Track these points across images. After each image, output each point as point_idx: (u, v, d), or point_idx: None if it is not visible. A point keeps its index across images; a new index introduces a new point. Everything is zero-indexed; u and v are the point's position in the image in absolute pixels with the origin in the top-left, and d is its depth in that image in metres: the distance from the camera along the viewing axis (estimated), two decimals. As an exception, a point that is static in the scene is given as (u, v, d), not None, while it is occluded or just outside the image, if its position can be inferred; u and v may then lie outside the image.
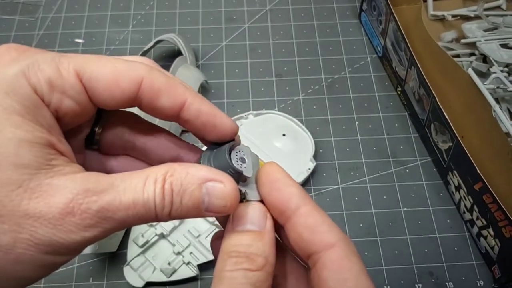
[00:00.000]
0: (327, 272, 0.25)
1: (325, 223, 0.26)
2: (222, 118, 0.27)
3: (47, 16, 0.72)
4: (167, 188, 0.24)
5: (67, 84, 0.24)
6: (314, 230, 0.25)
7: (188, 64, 0.63)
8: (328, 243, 0.25)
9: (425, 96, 0.57)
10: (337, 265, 0.25)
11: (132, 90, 0.25)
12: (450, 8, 0.69)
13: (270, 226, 0.26)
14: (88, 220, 0.23)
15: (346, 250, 0.25)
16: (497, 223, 0.48)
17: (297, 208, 0.26)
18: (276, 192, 0.26)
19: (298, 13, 0.73)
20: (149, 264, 0.52)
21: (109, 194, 0.23)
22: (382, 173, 0.59)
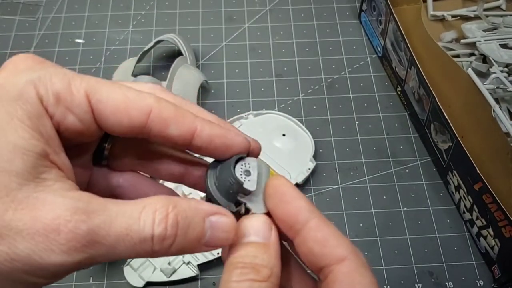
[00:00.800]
0: (339, 285, 0.25)
1: (335, 236, 0.26)
2: (234, 138, 0.27)
3: (47, 16, 0.72)
4: (172, 219, 0.23)
5: (75, 101, 0.24)
6: (324, 244, 0.26)
7: (188, 65, 0.63)
8: (339, 256, 0.25)
9: (425, 96, 0.57)
10: (348, 278, 0.25)
11: (140, 119, 0.25)
12: (450, 8, 0.69)
13: (275, 238, 0.26)
14: (73, 242, 0.21)
15: (357, 263, 0.25)
16: (497, 223, 0.48)
17: (306, 222, 0.26)
18: (285, 205, 0.26)
19: (298, 13, 0.73)
20: (149, 264, 0.52)
21: (101, 216, 0.22)
22: (382, 173, 0.59)
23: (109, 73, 0.66)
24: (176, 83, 0.60)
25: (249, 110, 0.62)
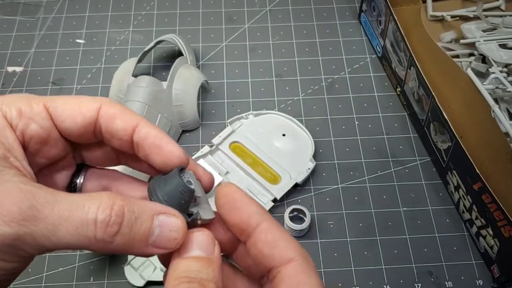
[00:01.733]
0: (284, 285, 0.25)
1: (284, 238, 0.27)
2: (168, 144, 0.28)
3: (48, 16, 0.72)
4: (117, 208, 0.24)
5: (34, 111, 0.27)
6: (273, 245, 0.26)
7: (188, 65, 0.63)
8: (286, 258, 0.26)
9: (425, 96, 0.57)
10: (294, 279, 0.26)
11: (92, 114, 0.27)
12: (449, 8, 0.69)
13: (218, 252, 0.27)
14: (15, 214, 0.22)
15: (303, 265, 0.26)
16: (496, 222, 0.48)
17: (257, 225, 0.27)
18: (236, 211, 0.27)
19: (298, 13, 0.73)
20: (149, 263, 0.52)
21: (46, 197, 0.23)
22: (381, 173, 0.59)
23: (110, 73, 0.66)
24: (176, 83, 0.60)
25: (249, 110, 0.62)
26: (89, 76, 0.67)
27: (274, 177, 0.57)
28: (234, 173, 0.57)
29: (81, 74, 0.67)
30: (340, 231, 0.55)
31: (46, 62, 0.68)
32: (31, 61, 0.68)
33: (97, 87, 0.65)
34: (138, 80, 0.59)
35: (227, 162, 0.58)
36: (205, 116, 0.63)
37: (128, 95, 0.58)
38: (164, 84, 0.59)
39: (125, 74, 0.61)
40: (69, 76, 0.67)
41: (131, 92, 0.58)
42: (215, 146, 0.59)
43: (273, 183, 0.57)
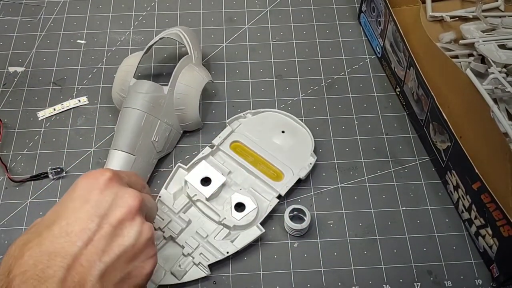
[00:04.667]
0: None
1: None
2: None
3: (49, 17, 0.72)
4: None
5: None
6: None
7: (192, 65, 0.61)
8: None
9: (424, 97, 0.57)
10: None
11: None
12: (448, 9, 0.69)
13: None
14: None
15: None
16: (495, 222, 0.49)
17: None
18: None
19: (298, 14, 0.73)
20: (159, 267, 0.52)
21: None
22: (381, 173, 0.59)
23: (111, 73, 0.66)
24: (178, 87, 0.59)
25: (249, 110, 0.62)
26: (90, 76, 0.67)
27: (276, 174, 0.57)
28: (236, 173, 0.57)
29: (82, 74, 0.67)
30: (340, 231, 0.55)
31: (47, 62, 0.68)
32: (32, 61, 0.68)
33: (98, 87, 0.66)
34: (138, 85, 0.58)
35: (229, 162, 0.58)
36: (205, 116, 0.63)
37: (128, 101, 0.57)
38: (165, 89, 0.58)
39: (127, 73, 0.60)
40: (70, 76, 0.67)
41: (131, 98, 0.57)
42: (216, 147, 0.59)
43: (276, 180, 0.57)
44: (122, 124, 0.56)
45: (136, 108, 0.56)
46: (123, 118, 0.56)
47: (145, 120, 0.56)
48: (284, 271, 0.53)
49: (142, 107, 0.56)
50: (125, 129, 0.55)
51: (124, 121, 0.56)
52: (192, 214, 0.55)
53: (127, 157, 0.55)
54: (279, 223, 0.56)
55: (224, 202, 0.55)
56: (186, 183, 0.56)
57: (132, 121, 0.56)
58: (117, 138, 0.56)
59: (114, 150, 0.55)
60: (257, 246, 0.54)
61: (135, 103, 0.56)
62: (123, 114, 0.57)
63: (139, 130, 0.55)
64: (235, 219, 0.54)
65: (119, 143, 0.55)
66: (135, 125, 0.55)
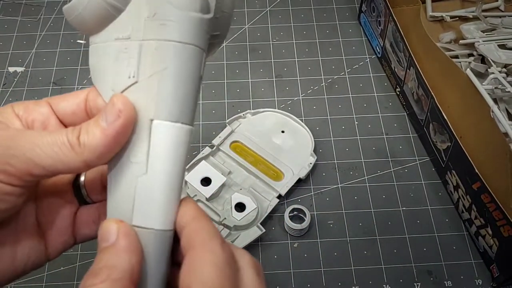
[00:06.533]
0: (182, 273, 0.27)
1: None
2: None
3: (49, 17, 0.72)
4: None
5: (38, 103, 0.32)
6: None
7: None
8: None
9: (424, 97, 0.57)
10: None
11: (81, 95, 0.32)
12: (448, 9, 0.69)
13: (124, 240, 0.27)
14: None
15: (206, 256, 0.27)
16: (495, 222, 0.49)
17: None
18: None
19: (298, 14, 0.73)
20: None
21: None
22: (381, 173, 0.59)
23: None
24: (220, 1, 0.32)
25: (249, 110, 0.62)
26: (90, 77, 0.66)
27: (276, 174, 0.57)
28: (236, 173, 0.57)
29: (82, 74, 0.67)
30: (340, 231, 0.55)
31: (47, 62, 0.68)
32: (32, 61, 0.68)
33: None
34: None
35: (229, 162, 0.58)
36: (205, 116, 0.63)
37: (169, 29, 0.28)
38: (212, 5, 0.30)
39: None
40: (70, 76, 0.67)
41: (173, 23, 0.28)
42: (216, 147, 0.59)
43: (276, 180, 0.57)
44: (168, 71, 0.28)
45: (194, 45, 0.29)
46: (165, 60, 0.28)
47: (203, 64, 0.31)
48: (284, 271, 0.53)
49: (201, 41, 0.29)
50: (178, 83, 0.28)
51: (171, 67, 0.28)
52: (192, 214, 0.55)
53: (189, 132, 0.29)
54: (279, 223, 0.56)
55: (224, 202, 0.55)
56: (186, 183, 0.56)
57: (189, 69, 0.29)
58: (164, 98, 0.28)
59: (166, 123, 0.28)
60: (257, 246, 0.54)
61: (191, 34, 0.29)
62: (167, 53, 0.28)
63: (199, 84, 0.30)
64: (236, 219, 0.54)
65: (175, 108, 0.28)
66: (195, 76, 0.29)
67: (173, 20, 0.28)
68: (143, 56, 0.28)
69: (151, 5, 0.28)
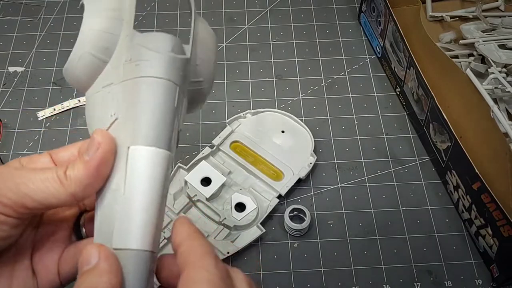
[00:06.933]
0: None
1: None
2: None
3: (49, 17, 0.72)
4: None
5: (40, 155, 0.34)
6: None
7: (203, 19, 0.40)
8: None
9: (424, 97, 0.57)
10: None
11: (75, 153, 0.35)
12: (448, 9, 0.69)
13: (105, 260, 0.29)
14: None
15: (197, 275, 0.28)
16: (495, 222, 0.49)
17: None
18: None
19: (298, 14, 0.73)
20: None
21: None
22: (381, 173, 0.59)
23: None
24: (200, 49, 0.37)
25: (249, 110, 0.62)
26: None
27: (276, 174, 0.57)
28: (236, 173, 0.57)
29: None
30: (340, 231, 0.55)
31: (47, 62, 0.68)
32: (32, 61, 0.68)
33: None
34: (155, 40, 0.34)
35: (229, 162, 0.58)
36: (205, 116, 0.63)
37: (144, 66, 0.32)
38: (187, 50, 0.35)
39: (113, 21, 0.36)
40: (70, 76, 0.67)
41: (149, 61, 0.32)
42: (216, 147, 0.59)
43: (276, 180, 0.57)
44: (141, 103, 0.32)
45: (165, 78, 0.32)
46: (139, 94, 0.32)
47: (178, 97, 0.33)
48: (284, 271, 0.53)
49: (174, 76, 0.33)
50: (151, 111, 0.31)
51: (144, 98, 0.32)
52: (192, 214, 0.55)
53: (165, 156, 0.32)
54: (279, 223, 0.56)
55: (224, 202, 0.55)
56: (186, 184, 0.56)
57: (161, 99, 0.32)
58: (139, 126, 0.31)
59: (141, 147, 0.31)
60: (257, 246, 0.54)
61: (161, 69, 0.32)
62: (140, 87, 0.32)
63: (173, 114, 0.33)
64: (236, 219, 0.54)
65: (148, 133, 0.31)
66: (168, 105, 0.32)
67: (145, 60, 0.32)
68: (122, 95, 0.32)
69: (129, 51, 0.33)
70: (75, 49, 0.34)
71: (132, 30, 0.34)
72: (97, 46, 0.34)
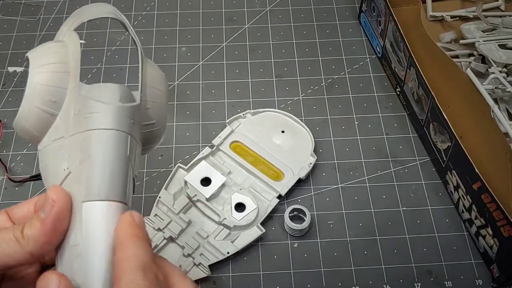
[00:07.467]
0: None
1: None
2: None
3: (48, 16, 0.72)
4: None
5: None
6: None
7: (150, 60, 0.40)
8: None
9: (424, 97, 0.57)
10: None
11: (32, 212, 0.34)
12: (449, 9, 0.69)
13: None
14: None
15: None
16: (496, 222, 0.49)
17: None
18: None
19: (298, 13, 0.73)
20: None
21: None
22: (381, 173, 0.59)
23: (110, 73, 0.66)
24: (149, 92, 0.37)
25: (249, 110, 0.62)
26: (89, 76, 0.67)
27: (276, 174, 0.57)
28: (236, 173, 0.57)
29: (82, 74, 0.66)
30: (340, 231, 0.55)
31: (47, 62, 0.68)
32: (32, 61, 0.68)
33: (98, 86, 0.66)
34: (103, 91, 0.34)
35: (229, 162, 0.58)
36: (205, 116, 0.63)
37: (93, 119, 0.32)
38: (137, 96, 0.35)
39: (59, 75, 0.35)
40: (69, 76, 0.67)
41: (98, 113, 0.32)
42: (216, 147, 0.59)
43: (276, 180, 0.57)
44: (92, 156, 0.31)
45: (114, 129, 0.32)
46: (90, 148, 0.32)
47: (130, 145, 0.33)
48: (284, 271, 0.53)
49: (123, 125, 0.33)
50: (103, 164, 0.31)
51: (94, 152, 0.31)
52: (192, 214, 0.55)
53: (119, 208, 0.31)
54: (279, 223, 0.56)
55: (224, 202, 0.55)
56: (186, 184, 0.56)
57: (111, 151, 0.32)
58: (91, 180, 0.31)
59: (94, 202, 0.31)
60: (257, 246, 0.54)
61: (109, 120, 0.32)
62: (90, 140, 0.32)
63: (126, 163, 0.32)
64: (235, 219, 0.54)
65: (101, 187, 0.31)
66: (120, 156, 0.32)
67: (94, 112, 0.32)
68: (72, 149, 0.32)
69: (77, 104, 0.33)
70: (23, 104, 0.34)
71: (79, 82, 0.34)
72: (45, 100, 0.33)
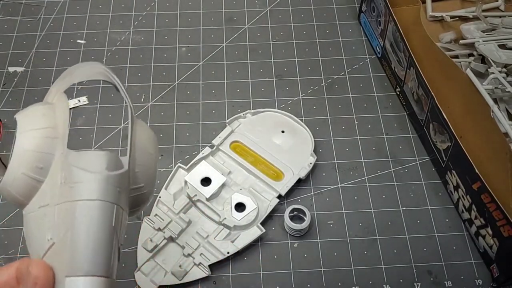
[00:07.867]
0: None
1: None
2: None
3: (49, 17, 0.72)
4: None
5: None
6: None
7: (141, 121, 0.39)
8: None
9: (424, 97, 0.57)
10: None
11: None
12: (448, 9, 0.69)
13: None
14: None
15: None
16: (496, 222, 0.49)
17: None
18: None
19: (298, 14, 0.73)
20: (160, 268, 0.52)
21: None
22: (381, 173, 0.59)
23: (110, 73, 0.66)
24: (138, 157, 0.36)
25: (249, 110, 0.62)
26: (90, 76, 0.67)
27: (276, 174, 0.57)
28: (236, 173, 0.57)
29: (82, 74, 0.67)
30: (340, 231, 0.55)
31: (47, 62, 0.68)
32: (32, 61, 0.68)
33: (98, 87, 0.66)
34: (89, 159, 0.32)
35: (229, 162, 0.58)
36: (205, 116, 0.63)
37: (78, 189, 0.31)
38: (125, 161, 0.34)
39: (46, 140, 0.34)
40: (70, 76, 0.67)
41: (83, 183, 0.31)
42: (216, 147, 0.59)
43: (276, 180, 0.57)
44: (76, 229, 0.30)
45: (100, 200, 0.31)
46: (74, 219, 0.31)
47: (116, 215, 0.32)
48: (284, 271, 0.53)
49: (109, 195, 0.32)
50: (87, 238, 0.30)
51: (79, 224, 0.30)
52: (192, 214, 0.55)
53: (102, 283, 0.30)
54: (279, 223, 0.56)
55: (224, 202, 0.55)
56: (186, 183, 0.56)
57: (96, 223, 0.31)
58: (74, 255, 0.30)
59: (77, 278, 0.29)
60: (257, 246, 0.54)
61: (95, 190, 0.31)
62: (74, 212, 0.31)
63: (111, 234, 0.31)
64: (236, 219, 0.54)
65: (84, 262, 0.30)
66: (105, 228, 0.31)
67: (79, 182, 0.31)
68: (57, 219, 0.30)
69: (64, 172, 0.31)
70: (9, 169, 0.33)
71: (66, 149, 0.33)
72: (32, 167, 0.33)
